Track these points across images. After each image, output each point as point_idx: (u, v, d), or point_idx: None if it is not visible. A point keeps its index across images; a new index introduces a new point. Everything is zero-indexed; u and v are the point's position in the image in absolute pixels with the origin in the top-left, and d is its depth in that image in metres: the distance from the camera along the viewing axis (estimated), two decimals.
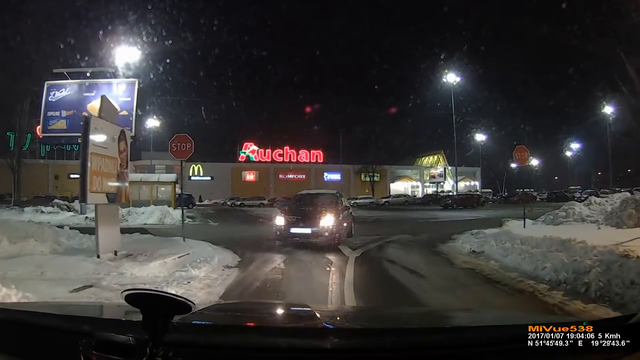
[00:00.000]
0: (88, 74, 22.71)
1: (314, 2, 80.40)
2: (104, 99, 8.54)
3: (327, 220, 9.99)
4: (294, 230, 10.09)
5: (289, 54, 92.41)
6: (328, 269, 7.17)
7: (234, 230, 16.49)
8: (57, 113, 22.73)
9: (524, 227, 12.36)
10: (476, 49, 59.68)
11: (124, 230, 11.77)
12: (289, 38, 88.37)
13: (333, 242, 9.85)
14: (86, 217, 21.61)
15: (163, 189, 33.01)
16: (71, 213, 24.19)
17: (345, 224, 11.14)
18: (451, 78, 44.14)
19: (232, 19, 64.04)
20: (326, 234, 9.83)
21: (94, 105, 23.88)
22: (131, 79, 25.31)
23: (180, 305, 1.09)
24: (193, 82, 53.68)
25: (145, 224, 19.51)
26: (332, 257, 8.38)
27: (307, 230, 9.94)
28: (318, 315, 1.70)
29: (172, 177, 26.78)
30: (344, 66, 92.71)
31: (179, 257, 7.93)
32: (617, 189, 49.18)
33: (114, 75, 24.29)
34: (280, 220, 10.42)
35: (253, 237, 12.34)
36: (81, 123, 21.67)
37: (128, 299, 1.09)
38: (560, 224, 12.60)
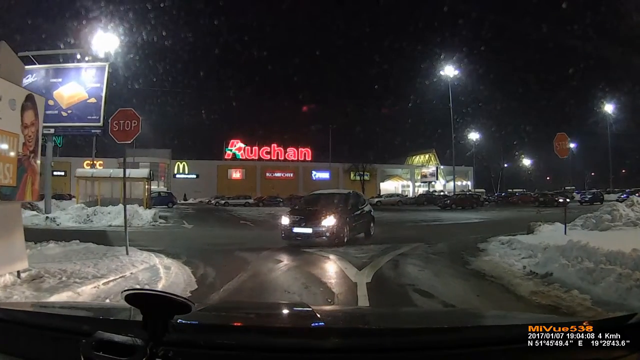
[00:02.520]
0: (78, 55, 19.91)
1: None
2: (1, 45, 5.79)
3: (329, 221, 9.95)
4: (296, 229, 10.20)
5: (277, 51, 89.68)
6: None
7: (208, 235, 13.85)
8: None
9: (565, 233, 9.96)
10: (473, 48, 57.90)
11: (57, 236, 9.25)
12: (277, 34, 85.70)
13: (335, 243, 9.68)
14: (47, 217, 19.08)
15: (155, 187, 30.20)
16: (34, 212, 21.38)
17: (354, 224, 11.01)
18: (449, 72, 42.19)
19: (221, 14, 61.45)
20: (327, 234, 9.85)
21: (60, 92, 21.11)
22: (101, 63, 22.47)
23: (180, 305, 1.07)
24: (178, 77, 50.83)
25: (110, 225, 17.04)
26: (332, 284, 5.81)
27: (309, 230, 10.05)
28: (318, 315, 1.66)
29: (144, 172, 23.88)
30: (334, 63, 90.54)
31: (104, 284, 5.35)
32: (615, 189, 48.08)
33: (85, 59, 21.46)
34: (285, 220, 10.58)
35: (228, 246, 9.74)
36: (47, 112, 18.46)
37: (128, 299, 1.08)
38: (608, 229, 10.31)
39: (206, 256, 7.83)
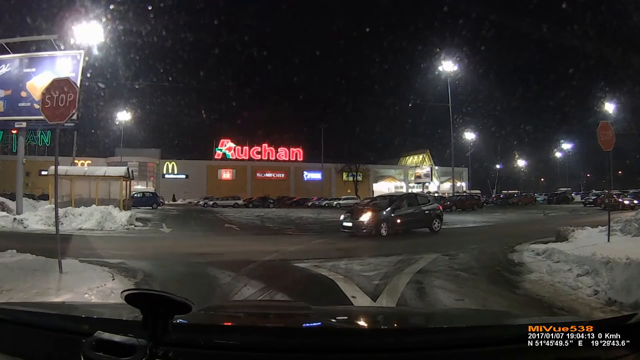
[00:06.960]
0: (61, 44, 17.99)
1: None
2: None
3: (365, 217, 11.92)
4: (345, 223, 12.33)
5: (269, 51, 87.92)
6: None
7: (184, 241, 12.08)
8: None
9: (609, 240, 8.35)
10: (473, 48, 56.77)
11: (13, 241, 7.62)
12: (271, 33, 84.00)
13: (372, 235, 11.55)
14: (14, 219, 17.15)
15: (143, 187, 28.03)
16: (4, 213, 19.48)
17: (400, 221, 12.41)
18: (449, 70, 40.69)
19: (220, 13, 59.71)
20: (365, 228, 11.79)
21: (33, 83, 19.10)
22: (76, 51, 20.57)
23: (180, 305, 1.04)
24: (168, 75, 48.68)
25: (80, 228, 15.47)
26: None
27: (350, 224, 12.10)
28: (319, 315, 1.65)
29: (121, 170, 21.87)
30: (326, 62, 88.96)
31: None
32: (615, 190, 47.02)
33: (62, 47, 19.58)
34: (341, 217, 12.78)
35: (202, 257, 7.94)
36: (20, 104, 16.29)
37: (128, 299, 1.06)
38: None
39: (170, 273, 6.15)
